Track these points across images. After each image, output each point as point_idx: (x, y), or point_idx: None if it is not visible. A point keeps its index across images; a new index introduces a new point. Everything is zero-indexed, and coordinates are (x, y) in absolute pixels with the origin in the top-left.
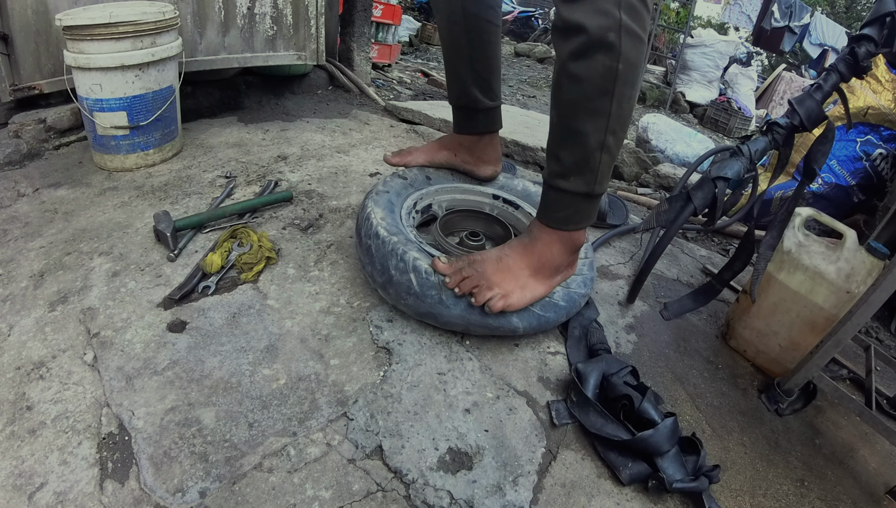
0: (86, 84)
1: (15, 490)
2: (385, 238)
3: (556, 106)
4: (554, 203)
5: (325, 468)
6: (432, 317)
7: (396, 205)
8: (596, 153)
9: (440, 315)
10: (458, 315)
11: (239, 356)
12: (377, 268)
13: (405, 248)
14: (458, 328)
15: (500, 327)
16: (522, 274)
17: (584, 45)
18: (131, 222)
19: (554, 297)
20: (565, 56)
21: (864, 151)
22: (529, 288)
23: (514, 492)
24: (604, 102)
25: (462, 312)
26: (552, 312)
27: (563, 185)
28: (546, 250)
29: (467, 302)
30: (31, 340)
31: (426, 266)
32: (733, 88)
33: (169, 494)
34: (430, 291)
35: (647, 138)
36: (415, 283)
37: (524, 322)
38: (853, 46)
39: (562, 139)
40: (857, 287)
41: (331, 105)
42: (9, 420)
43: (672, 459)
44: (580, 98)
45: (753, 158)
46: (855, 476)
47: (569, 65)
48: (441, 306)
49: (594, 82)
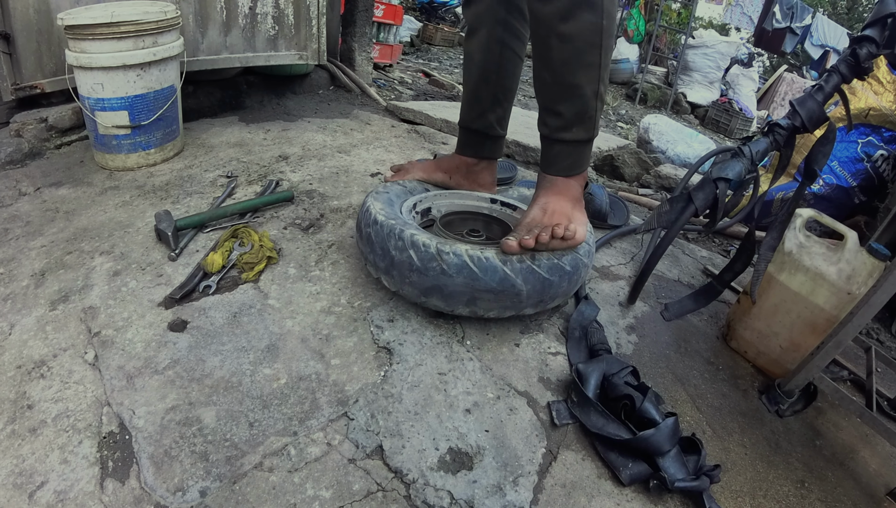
0: (87, 83)
1: (16, 489)
2: (383, 222)
3: (547, 66)
4: (559, 155)
5: (326, 467)
6: (437, 290)
7: (396, 204)
8: (592, 102)
9: (445, 287)
10: (461, 283)
11: (240, 355)
12: (378, 253)
13: (402, 227)
14: (462, 298)
15: (503, 290)
16: (567, 208)
17: (570, 5)
18: (132, 222)
19: (561, 260)
20: (551, 18)
21: (866, 153)
22: (578, 217)
23: (514, 492)
24: (594, 55)
25: (465, 279)
26: (557, 275)
27: (566, 136)
28: (569, 189)
29: (469, 270)
30: (32, 339)
31: (424, 240)
32: (734, 88)
33: (169, 493)
34: (431, 263)
35: (648, 139)
36: (415, 258)
37: (528, 285)
38: (854, 48)
39: (560, 95)
40: (857, 289)
41: (332, 105)
42: (10, 419)
43: (673, 459)
44: (573, 55)
45: (754, 159)
46: (855, 477)
47: (558, 26)
48: (444, 276)
49: (584, 38)
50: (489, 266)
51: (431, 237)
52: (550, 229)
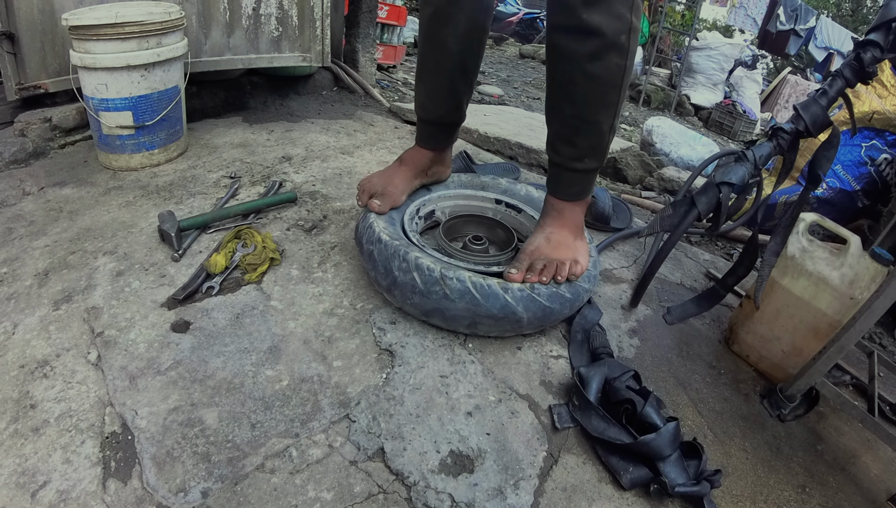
0: (91, 84)
1: (18, 488)
2: (387, 242)
3: (568, 99)
4: (570, 181)
5: (327, 469)
6: (439, 313)
7: (397, 213)
8: (607, 136)
9: (446, 310)
10: (463, 308)
11: (242, 356)
12: (381, 272)
13: (406, 248)
14: (463, 321)
15: (504, 316)
16: (570, 240)
17: (601, 47)
18: (136, 222)
19: (560, 289)
20: (581, 57)
21: (869, 156)
22: (580, 248)
23: (514, 496)
24: (615, 94)
25: (467, 305)
26: (557, 303)
27: (579, 166)
28: (573, 217)
29: (471, 296)
30: (35, 338)
31: (428, 264)
32: (738, 91)
33: (171, 494)
34: (434, 287)
35: (651, 141)
36: (419, 281)
37: (529, 312)
38: (859, 52)
39: (578, 129)
40: (860, 293)
41: (335, 106)
42: (12, 418)
43: (674, 463)
44: (597, 94)
45: (758, 163)
46: (857, 482)
47: (585, 65)
48: (446, 300)
49: (609, 79)
50: (491, 293)
51: (435, 261)
52: (554, 267)
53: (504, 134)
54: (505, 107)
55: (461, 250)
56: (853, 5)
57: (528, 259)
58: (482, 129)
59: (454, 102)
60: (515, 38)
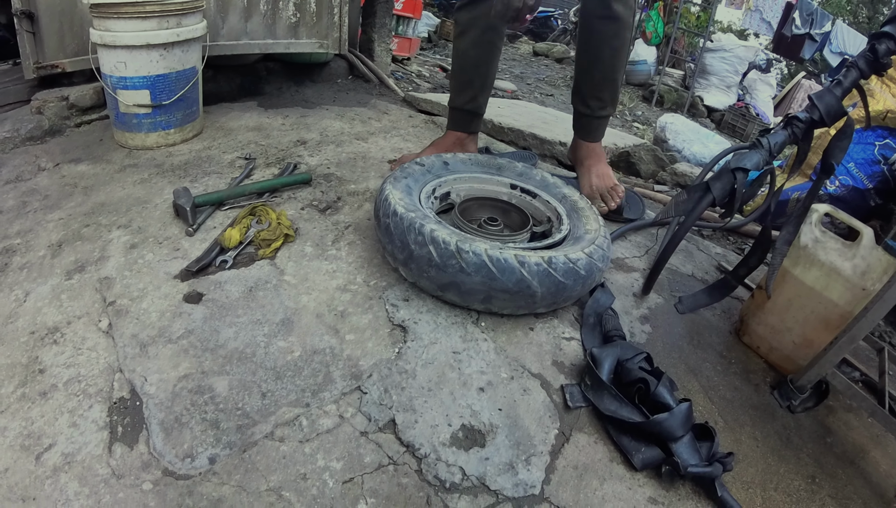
0: (110, 62)
1: (23, 451)
2: (403, 215)
3: (599, 66)
4: (598, 127)
5: (338, 439)
6: (455, 287)
7: (414, 190)
8: (619, 87)
9: (462, 284)
10: (479, 282)
11: (254, 327)
12: (397, 245)
13: (423, 222)
14: (478, 296)
15: (519, 291)
16: (607, 170)
17: (621, 28)
18: (150, 198)
19: (577, 264)
20: (607, 35)
21: (883, 155)
22: (608, 170)
23: (526, 471)
24: (624, 55)
25: (483, 278)
26: (571, 278)
27: (603, 113)
28: (601, 152)
29: (487, 270)
30: (46, 306)
31: (444, 236)
32: (752, 94)
33: (178, 459)
34: (450, 261)
35: (664, 138)
36: (434, 254)
37: (543, 287)
38: (874, 43)
39: (605, 86)
40: (872, 285)
41: (350, 94)
42: (21, 382)
43: (686, 444)
44: (616, 59)
45: (773, 150)
46: (865, 476)
47: (611, 40)
48: (462, 274)
49: (623, 47)
50: (507, 267)
51: (451, 234)
52: (614, 193)
53: (518, 125)
54: (518, 101)
55: (477, 228)
56: (870, 12)
57: (597, 193)
58: (496, 119)
59: (471, 94)
60: (529, 37)
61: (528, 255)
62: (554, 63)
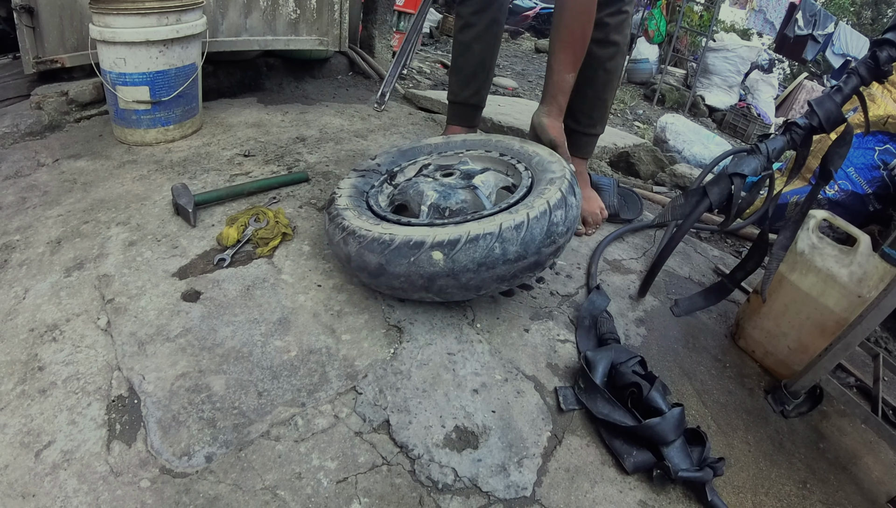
0: (110, 58)
1: (22, 448)
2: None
3: (592, 87)
4: (586, 144)
5: (332, 439)
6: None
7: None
8: (609, 107)
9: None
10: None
11: (251, 326)
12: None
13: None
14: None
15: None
16: (590, 193)
17: (615, 53)
18: (149, 195)
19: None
20: (603, 58)
21: (882, 160)
22: (594, 196)
23: (518, 473)
24: (616, 80)
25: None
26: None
27: (592, 131)
28: (584, 172)
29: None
30: (45, 303)
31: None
32: (753, 94)
33: (175, 457)
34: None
35: (664, 138)
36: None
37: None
38: (875, 50)
39: (595, 105)
40: (868, 292)
41: (350, 91)
42: (20, 380)
43: (678, 448)
44: (609, 82)
45: (771, 156)
46: (857, 482)
47: (606, 63)
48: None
49: (616, 72)
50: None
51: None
52: (596, 217)
53: (518, 124)
54: (519, 99)
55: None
56: (874, 14)
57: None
58: (496, 118)
59: (475, 87)
60: (531, 33)
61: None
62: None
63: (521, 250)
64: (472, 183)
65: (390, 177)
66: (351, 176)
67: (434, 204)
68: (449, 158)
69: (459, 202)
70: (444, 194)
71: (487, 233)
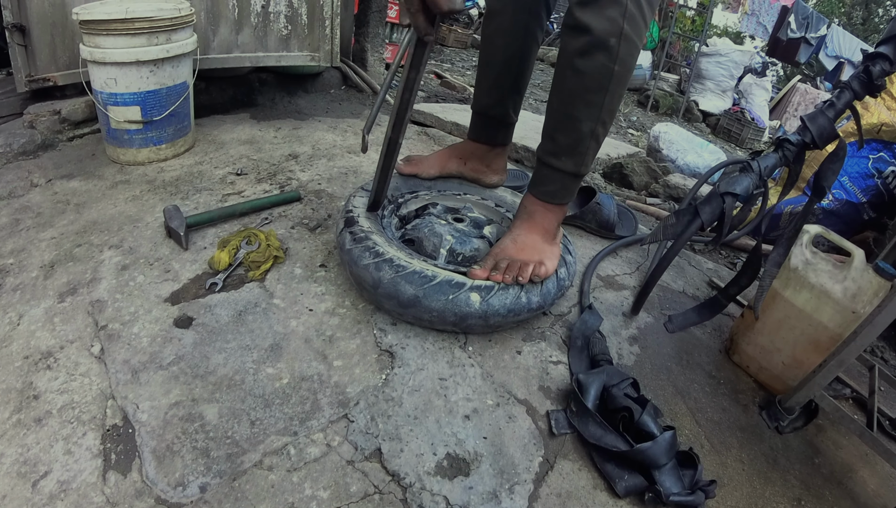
0: (101, 78)
1: (19, 478)
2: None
3: (558, 94)
4: (545, 178)
5: (325, 468)
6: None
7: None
8: (586, 139)
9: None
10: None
11: (243, 353)
12: None
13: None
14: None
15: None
16: (538, 243)
17: (588, 45)
18: (142, 216)
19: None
20: (571, 51)
21: (877, 169)
22: (548, 251)
23: (509, 500)
24: (599, 95)
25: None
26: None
27: (554, 163)
28: (544, 220)
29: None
30: (39, 330)
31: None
32: (747, 98)
33: (170, 487)
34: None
35: (658, 148)
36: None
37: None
38: (868, 64)
39: (559, 123)
40: (863, 307)
41: (343, 105)
42: (16, 408)
43: (669, 472)
44: (579, 89)
45: (763, 174)
46: (853, 497)
47: (574, 60)
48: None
49: (593, 78)
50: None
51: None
52: (517, 267)
53: (522, 141)
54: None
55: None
56: (864, 14)
57: (493, 259)
58: None
59: (497, 96)
60: None
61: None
62: (549, 68)
63: (541, 300)
64: (483, 233)
65: (396, 207)
66: (361, 195)
67: (452, 248)
68: (451, 199)
69: (473, 250)
70: (461, 240)
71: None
